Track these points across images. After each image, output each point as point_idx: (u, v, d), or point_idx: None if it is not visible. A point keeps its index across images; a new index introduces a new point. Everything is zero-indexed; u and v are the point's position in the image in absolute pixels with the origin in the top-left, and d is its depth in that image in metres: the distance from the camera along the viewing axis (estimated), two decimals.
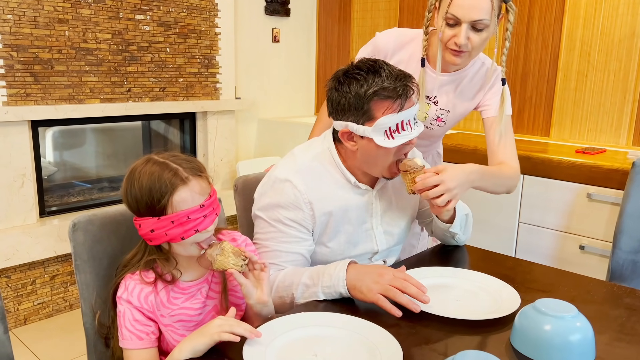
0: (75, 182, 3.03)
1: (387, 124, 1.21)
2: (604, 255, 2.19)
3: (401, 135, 1.23)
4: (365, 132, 1.23)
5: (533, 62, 2.80)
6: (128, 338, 1.06)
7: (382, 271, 1.16)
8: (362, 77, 1.23)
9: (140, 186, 1.04)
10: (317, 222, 1.31)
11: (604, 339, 1.05)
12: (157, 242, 1.07)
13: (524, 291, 1.23)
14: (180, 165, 1.06)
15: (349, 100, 1.24)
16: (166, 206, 1.03)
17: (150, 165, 1.06)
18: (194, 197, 1.05)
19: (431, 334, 1.06)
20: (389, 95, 1.21)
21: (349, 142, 1.29)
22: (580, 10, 2.62)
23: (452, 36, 1.42)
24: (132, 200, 1.06)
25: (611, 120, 2.58)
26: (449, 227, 1.42)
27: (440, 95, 1.62)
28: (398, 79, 1.22)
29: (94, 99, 2.68)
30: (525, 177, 2.38)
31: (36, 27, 2.45)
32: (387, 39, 1.60)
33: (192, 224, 1.05)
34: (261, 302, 1.12)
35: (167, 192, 1.03)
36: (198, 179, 1.07)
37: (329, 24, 3.75)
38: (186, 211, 1.04)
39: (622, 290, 1.28)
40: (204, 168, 1.11)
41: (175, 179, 1.04)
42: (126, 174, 1.08)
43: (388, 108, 1.21)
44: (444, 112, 1.64)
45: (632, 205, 1.93)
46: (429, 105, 1.62)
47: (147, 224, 1.05)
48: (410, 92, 1.24)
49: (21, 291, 2.54)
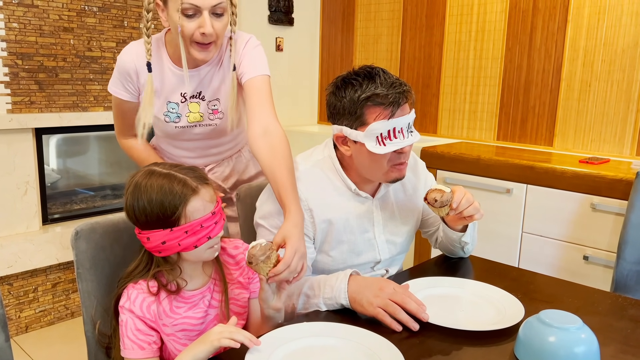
0: (78, 190, 3.03)
1: (378, 130, 1.22)
2: (608, 266, 2.17)
3: (392, 143, 1.24)
4: (357, 137, 1.25)
5: (536, 72, 2.80)
6: (130, 348, 1.06)
7: (383, 285, 1.16)
8: (358, 83, 1.25)
9: (149, 199, 1.03)
10: (317, 229, 1.31)
11: (609, 351, 1.04)
12: (168, 253, 1.07)
13: (527, 302, 1.22)
14: (187, 175, 1.07)
15: (344, 104, 1.26)
16: (180, 217, 1.04)
17: (155, 177, 1.05)
18: (205, 206, 1.06)
19: (434, 345, 1.05)
20: (381, 102, 1.23)
21: (343, 147, 1.31)
22: (583, 20, 2.62)
23: (195, 28, 1.34)
24: (141, 214, 1.05)
25: (615, 130, 2.58)
26: (461, 236, 1.41)
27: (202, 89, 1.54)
28: (392, 87, 1.23)
29: (98, 107, 2.69)
30: (529, 186, 2.38)
31: (41, 35, 2.46)
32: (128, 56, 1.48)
33: (205, 232, 1.06)
34: (274, 309, 1.12)
35: (181, 203, 1.03)
36: (206, 187, 1.08)
37: (332, 33, 3.76)
38: (199, 220, 1.05)
39: (627, 302, 1.27)
40: (207, 176, 1.12)
41: (186, 189, 1.04)
42: (128, 188, 1.07)
43: (380, 114, 1.23)
44: (216, 102, 1.55)
45: (636, 215, 1.92)
46: (198, 104, 1.54)
47: (157, 237, 1.04)
48: (403, 101, 1.24)
49: (23, 299, 2.54)
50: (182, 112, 1.55)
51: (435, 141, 3.04)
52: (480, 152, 2.60)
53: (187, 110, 1.55)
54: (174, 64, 1.50)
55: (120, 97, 1.53)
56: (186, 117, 1.55)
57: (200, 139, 1.62)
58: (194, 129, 1.58)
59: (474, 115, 3.07)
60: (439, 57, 3.17)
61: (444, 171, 2.66)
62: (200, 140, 1.62)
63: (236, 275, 1.21)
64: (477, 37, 3.00)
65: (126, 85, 1.51)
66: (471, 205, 1.29)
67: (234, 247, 1.23)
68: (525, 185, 2.39)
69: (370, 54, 3.52)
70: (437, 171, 2.67)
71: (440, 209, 1.28)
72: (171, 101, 1.53)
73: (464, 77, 3.08)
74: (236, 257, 1.22)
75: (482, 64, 2.99)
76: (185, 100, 1.54)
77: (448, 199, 1.26)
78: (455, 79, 3.11)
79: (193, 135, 1.60)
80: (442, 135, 3.22)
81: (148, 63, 1.43)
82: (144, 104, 1.47)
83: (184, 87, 1.52)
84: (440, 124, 3.23)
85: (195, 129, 1.58)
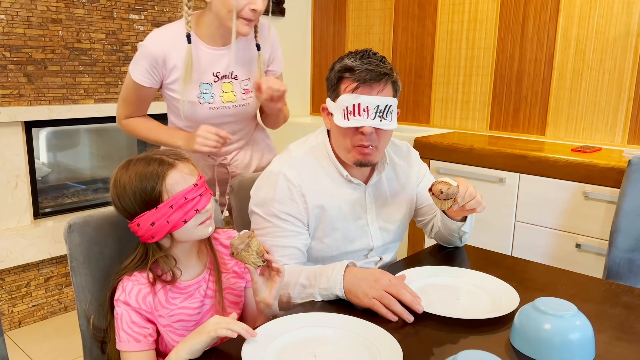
0: (69, 183, 3.00)
1: (344, 103, 1.25)
2: (601, 254, 2.19)
3: (355, 119, 1.25)
4: (331, 108, 1.31)
5: (528, 62, 2.80)
6: (125, 340, 1.05)
7: (378, 276, 1.16)
8: (345, 57, 1.30)
9: (130, 185, 1.04)
10: (310, 215, 1.33)
11: (604, 337, 1.05)
12: (160, 236, 1.07)
13: (522, 290, 1.23)
14: (164, 154, 1.09)
15: (330, 76, 1.33)
16: (161, 192, 1.04)
17: (133, 165, 1.07)
18: (185, 178, 1.07)
19: (431, 334, 1.06)
20: (350, 75, 1.26)
21: (326, 119, 1.37)
22: (575, 9, 2.62)
23: (246, 4, 1.44)
24: (127, 202, 1.06)
25: (606, 119, 2.59)
26: (461, 225, 1.42)
27: (235, 69, 1.60)
28: (366, 63, 1.25)
29: (88, 100, 2.66)
30: (522, 175, 2.39)
31: (29, 27, 2.43)
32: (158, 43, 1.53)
33: (191, 205, 1.05)
34: (265, 303, 1.12)
35: (159, 178, 1.04)
36: (184, 162, 1.09)
37: (324, 23, 3.74)
38: (182, 192, 1.05)
39: (620, 289, 1.28)
40: (185, 155, 1.13)
41: (163, 166, 1.06)
42: (111, 183, 1.08)
43: (348, 86, 1.26)
44: (247, 82, 1.63)
45: (628, 203, 1.93)
46: (231, 84, 1.60)
47: (146, 220, 1.05)
48: (375, 80, 1.25)
49: (15, 293, 2.52)
50: (215, 92, 1.58)
51: (428, 131, 3.04)
52: (473, 142, 2.61)
53: (221, 91, 1.58)
54: (206, 43, 1.55)
55: (143, 84, 1.55)
56: (220, 98, 1.58)
57: (229, 122, 1.64)
58: (227, 110, 1.61)
59: (467, 105, 3.07)
60: (432, 47, 3.16)
61: (437, 161, 2.66)
62: (229, 123, 1.64)
63: (231, 265, 1.21)
64: (470, 26, 2.99)
65: (151, 71, 1.54)
66: (474, 199, 1.30)
67: (227, 238, 1.23)
68: (518, 175, 2.39)
69: (362, 44, 3.51)
70: (430, 161, 2.68)
71: (444, 202, 1.27)
72: (204, 82, 1.56)
73: (456, 67, 3.07)
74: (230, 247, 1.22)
75: (475, 53, 2.99)
76: (217, 79, 1.58)
77: (454, 193, 1.26)
78: (447, 69, 3.11)
79: (225, 117, 1.62)
80: (435, 126, 3.22)
81: (188, 35, 1.52)
82: (183, 81, 1.53)
83: (216, 66, 1.57)
84: (433, 114, 3.23)
85: (228, 110, 1.61)
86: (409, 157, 1.52)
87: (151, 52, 1.52)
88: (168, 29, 1.56)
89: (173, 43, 1.53)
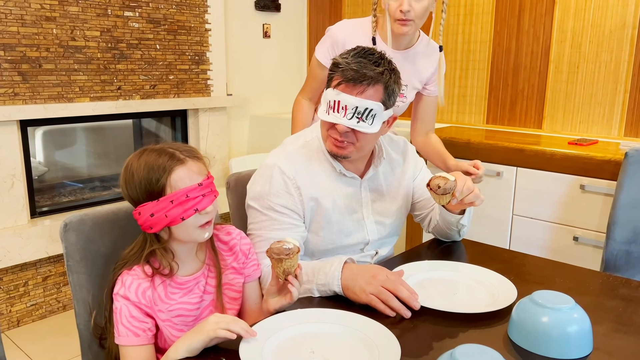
0: (66, 182, 3.00)
1: (328, 97, 1.26)
2: (598, 246, 2.19)
3: (333, 115, 1.25)
4: (322, 98, 1.31)
5: (524, 55, 2.80)
6: (124, 335, 1.05)
7: (375, 272, 1.16)
8: (347, 51, 1.30)
9: (138, 174, 1.05)
10: (306, 208, 1.33)
11: (601, 329, 1.05)
12: (157, 228, 1.07)
13: (520, 283, 1.23)
14: (178, 149, 1.09)
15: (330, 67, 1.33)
16: (165, 186, 1.05)
17: (145, 154, 1.08)
18: (191, 176, 1.06)
19: (429, 328, 1.06)
20: (337, 71, 1.26)
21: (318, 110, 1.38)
22: (571, 1, 2.62)
23: (397, 7, 1.62)
24: (133, 190, 1.07)
25: (603, 112, 2.59)
26: (460, 218, 1.42)
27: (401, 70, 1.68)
28: (355, 62, 1.23)
29: (83, 98, 2.65)
30: (519, 169, 2.39)
31: (23, 25, 2.41)
32: (342, 29, 1.76)
33: (192, 203, 1.05)
34: (268, 311, 1.12)
35: (165, 172, 1.04)
36: (195, 160, 1.09)
37: (319, 19, 3.73)
38: (185, 189, 1.05)
39: (618, 281, 1.28)
40: (201, 154, 1.13)
41: (172, 160, 1.06)
42: (123, 167, 1.09)
43: (334, 82, 1.26)
44: (404, 87, 1.77)
45: (625, 195, 1.93)
46: None
47: (146, 209, 1.05)
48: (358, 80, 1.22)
49: (13, 293, 2.52)
50: None
51: None
52: (470, 136, 2.61)
53: None
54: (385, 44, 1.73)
55: (322, 62, 1.77)
56: None
57: None
58: None
59: (464, 99, 3.06)
60: None
61: None
62: None
63: (230, 261, 1.21)
64: (466, 20, 2.98)
65: (331, 52, 1.74)
66: (472, 193, 1.30)
67: (226, 234, 1.22)
68: (515, 168, 2.39)
69: None
70: None
71: (442, 197, 1.27)
72: None
73: (452, 61, 3.07)
74: (229, 243, 1.21)
75: (471, 47, 2.98)
76: None
77: (452, 187, 1.26)
78: None
79: None
80: None
81: (373, 38, 1.73)
82: None
83: None
84: None
85: None
86: (405, 151, 1.52)
87: (335, 36, 1.74)
88: (356, 21, 1.78)
89: (354, 33, 1.72)
